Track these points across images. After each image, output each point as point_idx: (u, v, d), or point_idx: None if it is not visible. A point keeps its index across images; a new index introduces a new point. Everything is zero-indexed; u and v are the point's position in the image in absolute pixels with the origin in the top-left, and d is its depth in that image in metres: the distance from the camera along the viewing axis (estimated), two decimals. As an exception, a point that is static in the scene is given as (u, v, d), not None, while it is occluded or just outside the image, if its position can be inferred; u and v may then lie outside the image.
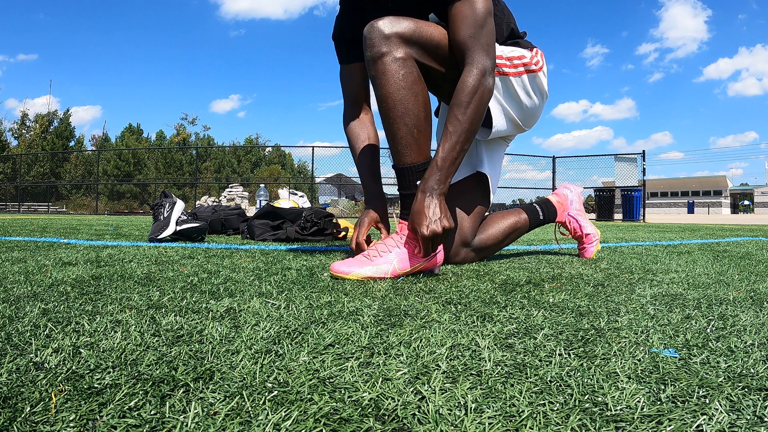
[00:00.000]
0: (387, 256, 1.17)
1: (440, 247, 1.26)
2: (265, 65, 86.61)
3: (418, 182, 1.23)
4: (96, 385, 0.44)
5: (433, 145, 1.37)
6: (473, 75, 1.20)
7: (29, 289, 0.92)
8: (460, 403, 0.42)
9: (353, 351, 0.56)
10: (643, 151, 11.92)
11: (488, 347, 0.58)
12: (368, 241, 1.40)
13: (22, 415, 0.39)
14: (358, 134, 1.51)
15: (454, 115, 1.20)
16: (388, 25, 1.18)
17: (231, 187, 16.62)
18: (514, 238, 1.59)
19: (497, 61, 1.38)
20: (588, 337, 0.63)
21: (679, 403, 0.43)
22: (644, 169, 11.45)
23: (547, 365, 0.52)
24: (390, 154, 1.26)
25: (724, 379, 0.48)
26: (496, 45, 1.38)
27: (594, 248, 1.70)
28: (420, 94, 1.21)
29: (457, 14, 1.22)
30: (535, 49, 1.48)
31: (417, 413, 0.40)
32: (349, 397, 0.43)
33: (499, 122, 1.40)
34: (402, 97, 1.18)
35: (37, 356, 0.52)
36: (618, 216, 10.97)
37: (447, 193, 1.19)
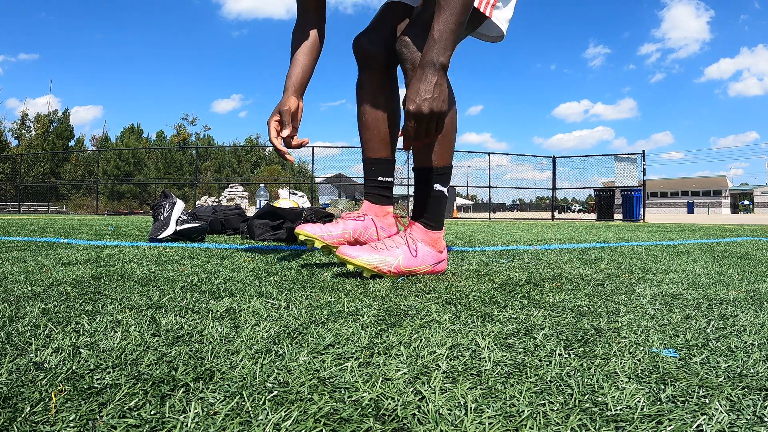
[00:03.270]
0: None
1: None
2: (268, 65, 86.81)
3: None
4: (96, 385, 0.44)
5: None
6: None
7: (29, 289, 0.92)
8: (460, 403, 0.42)
9: (353, 351, 0.56)
10: (643, 151, 11.93)
11: (488, 347, 0.58)
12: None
13: (22, 415, 0.39)
14: (298, 41, 1.47)
15: None
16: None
17: (231, 187, 16.62)
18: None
19: None
20: (588, 337, 0.63)
21: (679, 403, 0.43)
22: (644, 169, 11.45)
23: (547, 365, 0.52)
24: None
25: (724, 379, 0.48)
26: None
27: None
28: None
29: None
30: None
31: (417, 413, 0.40)
32: (349, 397, 0.43)
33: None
34: None
35: (37, 356, 0.52)
36: (618, 216, 10.96)
37: (447, 66, 1.10)
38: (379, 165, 1.40)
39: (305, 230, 1.26)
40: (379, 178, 1.39)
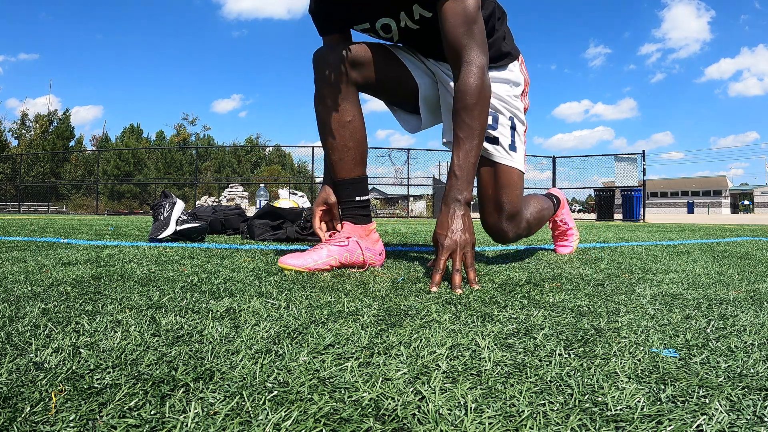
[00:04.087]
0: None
1: (382, 250, 1.37)
2: (268, 65, 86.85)
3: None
4: (96, 385, 0.44)
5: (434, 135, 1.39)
6: (474, 74, 1.19)
7: (29, 289, 0.92)
8: (460, 403, 0.42)
9: (353, 351, 0.56)
10: (643, 151, 11.93)
11: (488, 347, 0.58)
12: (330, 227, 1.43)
13: (22, 415, 0.39)
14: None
15: (462, 119, 1.18)
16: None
17: (231, 187, 16.62)
18: (543, 223, 1.65)
19: (518, 114, 1.45)
20: (588, 337, 0.63)
21: (679, 403, 0.43)
22: (644, 169, 11.44)
23: (547, 365, 0.52)
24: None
25: (724, 379, 0.48)
26: (516, 99, 1.45)
27: (574, 244, 1.86)
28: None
29: (448, 11, 1.21)
30: (526, 81, 1.51)
31: (417, 413, 0.40)
32: (349, 397, 0.43)
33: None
34: None
35: (37, 356, 0.52)
36: (618, 216, 10.96)
37: (468, 200, 1.16)
38: (354, 185, 1.34)
39: (288, 263, 1.20)
40: (357, 198, 1.34)
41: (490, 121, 1.41)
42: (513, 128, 1.43)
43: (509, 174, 1.41)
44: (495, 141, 1.41)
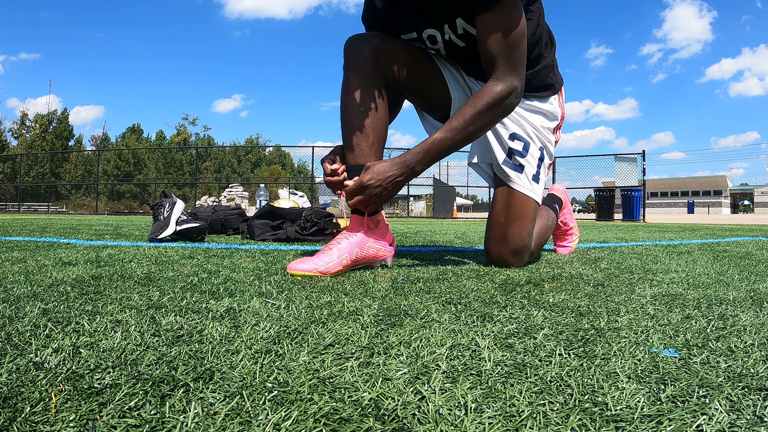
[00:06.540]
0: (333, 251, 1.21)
1: (392, 240, 1.33)
2: (269, 65, 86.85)
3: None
4: (96, 385, 0.44)
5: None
6: (499, 88, 1.20)
7: (29, 289, 0.92)
8: (460, 403, 0.42)
9: (353, 351, 0.56)
10: (643, 150, 11.92)
11: (488, 347, 0.58)
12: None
13: (22, 415, 0.39)
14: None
15: (464, 113, 1.19)
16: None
17: (231, 187, 16.61)
18: (546, 240, 1.65)
19: (550, 145, 1.45)
20: (588, 337, 0.63)
21: (679, 403, 0.43)
22: (644, 169, 11.44)
23: (547, 365, 0.52)
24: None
25: (724, 379, 0.48)
26: (551, 142, 1.45)
27: (573, 244, 1.87)
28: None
29: (489, 27, 1.18)
30: (562, 115, 1.53)
31: (417, 413, 0.40)
32: (349, 397, 0.43)
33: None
34: None
35: (37, 356, 0.52)
36: (618, 216, 10.96)
37: (416, 173, 1.21)
38: None
39: (299, 269, 1.14)
40: None
41: (520, 148, 1.41)
42: (541, 159, 1.43)
43: (525, 204, 1.39)
44: (520, 168, 1.40)
